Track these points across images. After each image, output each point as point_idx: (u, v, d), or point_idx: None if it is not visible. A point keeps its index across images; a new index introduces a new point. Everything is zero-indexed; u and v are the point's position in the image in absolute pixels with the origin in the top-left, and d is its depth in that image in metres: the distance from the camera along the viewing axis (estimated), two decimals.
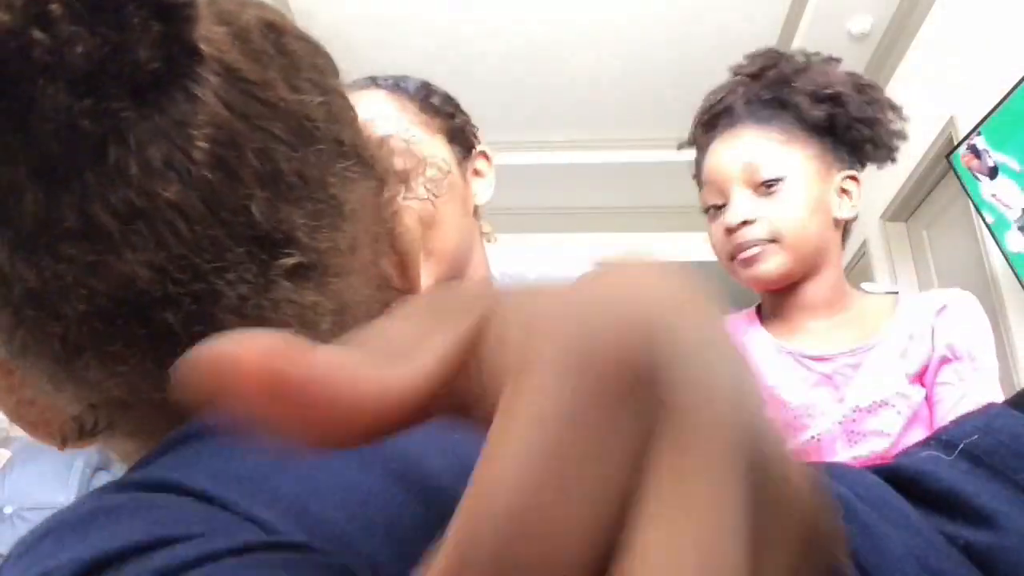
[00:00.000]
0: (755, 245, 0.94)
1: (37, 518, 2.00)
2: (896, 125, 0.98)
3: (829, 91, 0.95)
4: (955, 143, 2.71)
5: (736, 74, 1.03)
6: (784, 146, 0.95)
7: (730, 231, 0.95)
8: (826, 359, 0.95)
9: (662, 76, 3.73)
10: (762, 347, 0.99)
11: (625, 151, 4.18)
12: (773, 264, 0.94)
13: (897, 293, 0.99)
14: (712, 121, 1.02)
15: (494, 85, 3.80)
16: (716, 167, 0.98)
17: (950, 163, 2.69)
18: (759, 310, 1.04)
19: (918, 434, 0.88)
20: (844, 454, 0.89)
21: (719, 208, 0.97)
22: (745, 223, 0.94)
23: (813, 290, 0.97)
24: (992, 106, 2.46)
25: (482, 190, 0.90)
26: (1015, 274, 2.41)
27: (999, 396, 0.85)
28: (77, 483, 1.83)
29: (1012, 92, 2.37)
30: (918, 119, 1.05)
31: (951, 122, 2.85)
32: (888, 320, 0.94)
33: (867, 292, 1.02)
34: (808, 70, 0.99)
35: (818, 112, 0.96)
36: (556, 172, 4.20)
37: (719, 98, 1.03)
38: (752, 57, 1.02)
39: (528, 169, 4.16)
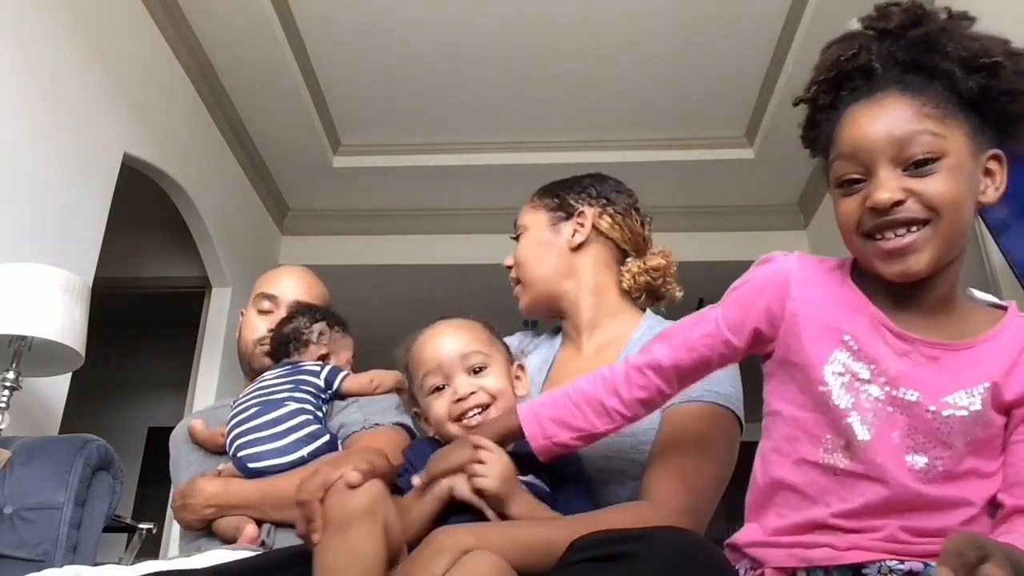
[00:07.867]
0: (906, 226, 0.83)
1: (37, 518, 2.00)
2: None
3: (986, 60, 0.85)
4: None
5: (867, 28, 0.92)
6: (940, 122, 0.84)
7: (876, 210, 0.84)
8: (906, 339, 0.86)
9: (662, 76, 3.73)
10: (847, 301, 0.90)
11: (625, 151, 4.18)
12: (927, 254, 0.83)
13: (1006, 308, 0.90)
14: (841, 80, 0.91)
15: (494, 85, 3.80)
16: (860, 138, 0.85)
17: None
18: (855, 265, 0.92)
19: (975, 463, 0.82)
20: (901, 450, 0.82)
21: (856, 182, 0.86)
22: (896, 204, 0.83)
23: (935, 283, 0.87)
24: None
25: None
26: (1015, 274, 2.40)
27: None
28: (77, 483, 1.83)
29: None
30: None
31: None
32: (986, 333, 0.87)
33: (974, 297, 0.92)
34: (953, 31, 0.88)
35: (972, 83, 0.85)
36: (556, 172, 4.18)
37: (850, 53, 0.91)
38: (886, 9, 0.90)
39: (528, 169, 4.15)
